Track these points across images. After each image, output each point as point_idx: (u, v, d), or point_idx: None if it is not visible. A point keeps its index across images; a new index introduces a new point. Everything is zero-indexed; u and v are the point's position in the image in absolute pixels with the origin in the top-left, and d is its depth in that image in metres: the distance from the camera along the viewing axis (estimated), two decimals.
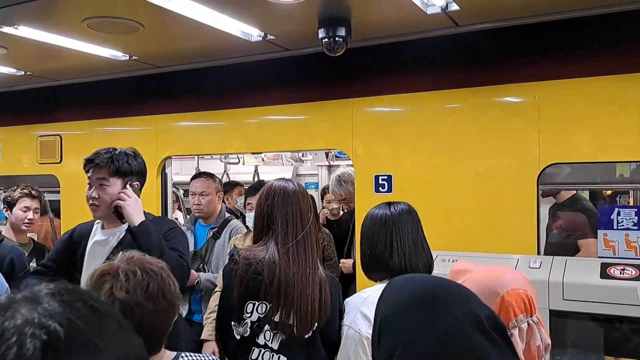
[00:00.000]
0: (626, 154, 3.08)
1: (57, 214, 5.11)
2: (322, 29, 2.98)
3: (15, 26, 3.07)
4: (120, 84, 4.54)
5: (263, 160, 6.42)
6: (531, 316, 1.52)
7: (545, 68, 3.22)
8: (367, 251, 2.21)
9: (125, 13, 2.93)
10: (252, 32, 3.28)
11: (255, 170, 6.35)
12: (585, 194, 5.76)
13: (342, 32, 2.96)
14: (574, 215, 4.01)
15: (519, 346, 1.47)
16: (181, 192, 6.19)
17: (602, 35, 3.14)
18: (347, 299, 2.28)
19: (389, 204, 2.24)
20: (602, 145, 3.08)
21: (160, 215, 4.42)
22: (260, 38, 3.31)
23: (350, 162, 4.18)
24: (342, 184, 4.30)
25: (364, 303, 2.11)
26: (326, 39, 2.98)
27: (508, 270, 1.67)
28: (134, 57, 3.78)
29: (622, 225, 3.02)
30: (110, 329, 0.62)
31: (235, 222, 4.08)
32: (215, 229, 4.04)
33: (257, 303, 2.21)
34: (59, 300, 0.61)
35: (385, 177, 3.56)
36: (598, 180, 4.37)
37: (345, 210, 4.81)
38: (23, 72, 4.27)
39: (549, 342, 1.54)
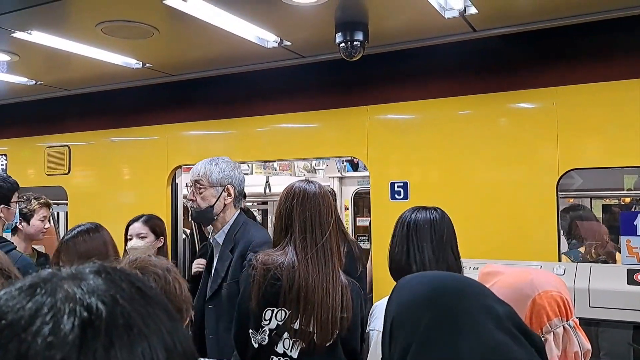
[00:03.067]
0: None
1: None
2: (340, 33, 2.95)
3: (29, 31, 3.05)
4: (130, 93, 4.51)
5: (276, 169, 6.34)
6: (567, 320, 1.44)
7: (563, 73, 3.18)
8: (390, 253, 2.16)
9: (140, 17, 2.90)
10: (268, 38, 3.25)
11: (267, 181, 6.26)
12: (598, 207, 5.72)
13: (359, 36, 2.93)
14: None
15: (554, 352, 1.39)
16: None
17: (621, 39, 3.11)
18: (375, 303, 2.21)
19: (417, 209, 2.17)
20: (622, 150, 3.03)
21: (170, 227, 4.37)
22: (276, 44, 3.28)
23: (365, 173, 4.14)
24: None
25: None
26: (343, 44, 2.95)
27: (540, 272, 1.60)
28: (147, 64, 3.75)
29: None
30: (157, 315, 0.56)
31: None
32: None
33: (276, 310, 2.14)
34: (104, 278, 0.56)
35: (401, 184, 3.51)
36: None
37: None
38: (34, 82, 4.25)
39: (589, 347, 1.45)
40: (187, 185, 2.91)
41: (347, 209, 7.13)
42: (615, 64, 3.09)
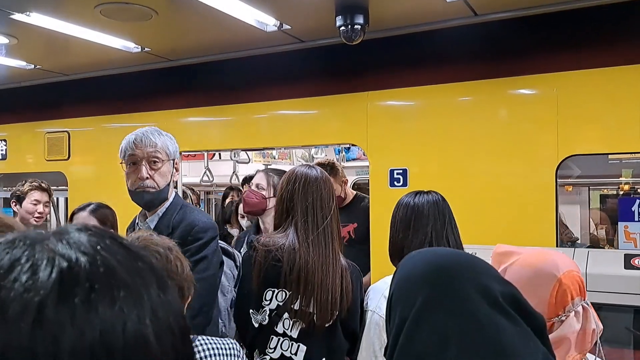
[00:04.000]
0: None
1: None
2: (340, 17, 2.94)
3: (27, 13, 3.03)
4: (129, 79, 4.51)
5: (275, 158, 6.32)
6: (584, 299, 1.46)
7: (564, 59, 3.18)
8: (391, 239, 2.20)
9: None
10: (268, 22, 3.24)
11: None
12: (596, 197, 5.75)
13: (360, 19, 2.92)
14: None
15: (575, 327, 1.41)
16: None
17: (623, 25, 3.10)
18: (371, 285, 2.23)
19: (417, 193, 2.21)
20: (622, 136, 3.03)
21: None
22: (276, 28, 3.27)
23: (364, 163, 4.14)
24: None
25: (387, 288, 2.06)
26: (344, 27, 2.94)
27: (558, 253, 1.61)
28: (146, 48, 3.74)
29: None
30: (141, 268, 0.55)
31: None
32: None
33: (276, 290, 2.15)
34: (87, 234, 0.55)
35: (401, 171, 3.51)
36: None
37: None
38: (33, 66, 4.23)
39: (602, 327, 1.48)
40: (129, 163, 2.35)
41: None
42: (616, 50, 3.09)
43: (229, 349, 1.77)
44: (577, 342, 1.42)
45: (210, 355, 1.70)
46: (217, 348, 1.73)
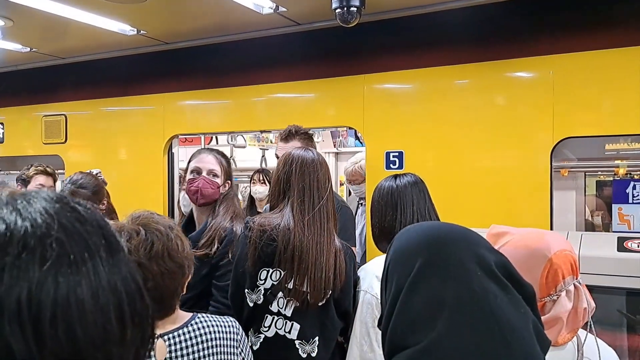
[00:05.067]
0: None
1: None
2: None
3: None
4: (127, 62, 4.50)
5: (271, 142, 6.30)
6: (576, 278, 1.48)
7: (560, 41, 3.17)
8: (376, 223, 2.25)
9: None
10: (264, 4, 3.23)
11: (263, 155, 6.21)
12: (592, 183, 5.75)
13: (356, 1, 2.90)
14: None
15: (568, 306, 1.43)
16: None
17: (619, 6, 3.09)
18: (362, 266, 2.27)
19: (395, 176, 2.28)
20: (618, 118, 3.04)
21: (166, 196, 4.35)
22: (272, 10, 3.26)
23: (360, 149, 4.14)
24: None
25: (379, 268, 2.09)
26: (339, 9, 2.93)
27: (551, 233, 1.62)
28: (142, 31, 3.73)
29: (638, 200, 2.97)
30: (92, 234, 0.57)
31: None
32: None
33: (271, 270, 2.18)
34: (41, 199, 0.57)
35: (397, 154, 3.52)
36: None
37: None
38: (29, 49, 4.22)
39: (594, 305, 1.49)
40: None
41: (342, 184, 7.15)
42: (613, 32, 3.08)
43: (229, 326, 1.79)
44: (569, 321, 1.44)
45: (210, 332, 1.72)
46: (216, 325, 1.75)
